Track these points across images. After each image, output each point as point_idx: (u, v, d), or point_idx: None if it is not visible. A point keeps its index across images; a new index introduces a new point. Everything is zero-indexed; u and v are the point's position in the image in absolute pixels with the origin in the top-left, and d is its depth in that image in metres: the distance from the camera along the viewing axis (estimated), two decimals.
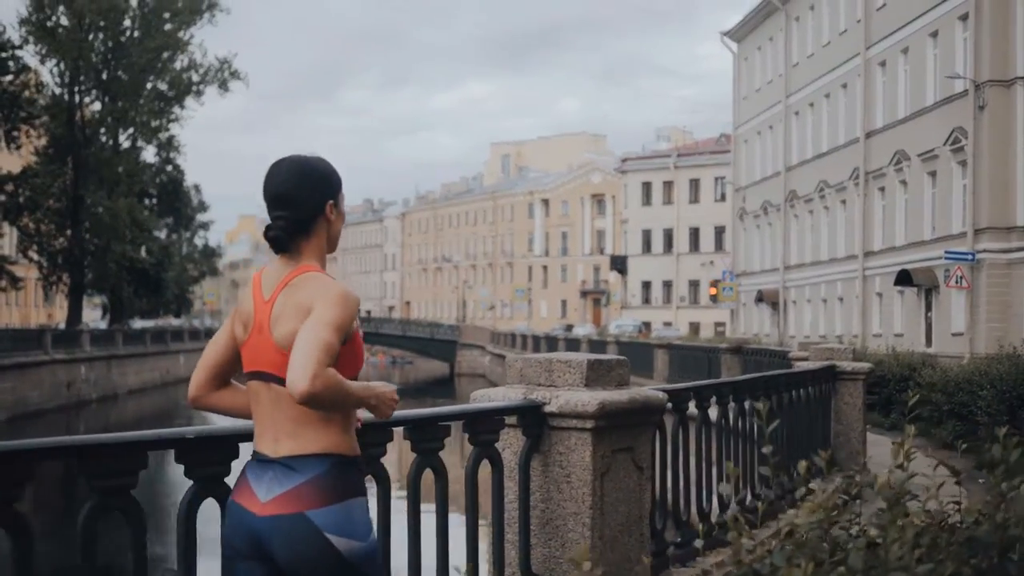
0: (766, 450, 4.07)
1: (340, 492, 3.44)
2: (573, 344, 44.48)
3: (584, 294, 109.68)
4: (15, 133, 43.40)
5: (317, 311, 3.36)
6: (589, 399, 4.68)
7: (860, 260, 44.24)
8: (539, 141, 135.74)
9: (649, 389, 5.16)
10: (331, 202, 3.62)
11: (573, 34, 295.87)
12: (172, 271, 63.88)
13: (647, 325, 77.29)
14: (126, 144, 60.34)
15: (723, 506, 7.30)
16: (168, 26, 56.59)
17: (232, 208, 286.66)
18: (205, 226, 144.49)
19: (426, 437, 4.46)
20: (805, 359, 12.22)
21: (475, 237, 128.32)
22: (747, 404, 7.97)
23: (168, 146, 62.94)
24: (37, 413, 41.56)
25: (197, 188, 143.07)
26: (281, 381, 3.41)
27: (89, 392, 48.14)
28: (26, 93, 49.20)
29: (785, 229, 53.12)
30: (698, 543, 4.76)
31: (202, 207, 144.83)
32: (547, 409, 4.76)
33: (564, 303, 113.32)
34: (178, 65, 59.25)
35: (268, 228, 3.57)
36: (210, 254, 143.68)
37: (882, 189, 42.81)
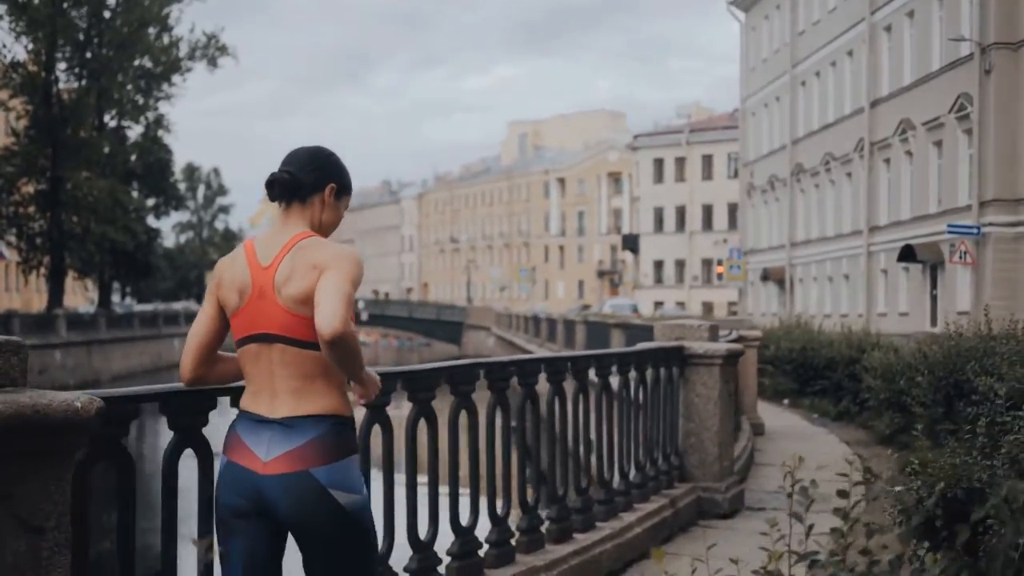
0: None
1: (340, 450, 3.60)
2: (552, 324, 42.70)
3: (601, 274, 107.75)
4: None
5: (335, 268, 3.52)
6: None
7: (865, 236, 42.31)
8: (556, 119, 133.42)
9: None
10: (333, 185, 3.81)
11: (604, 15, 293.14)
12: (175, 254, 62.25)
13: (659, 305, 75.29)
14: (112, 124, 58.73)
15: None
16: (148, 1, 54.74)
17: (255, 192, 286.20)
18: (226, 209, 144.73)
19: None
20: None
21: (491, 217, 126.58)
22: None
23: (157, 125, 61.06)
24: None
25: (217, 172, 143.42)
26: (289, 341, 3.57)
27: (65, 378, 46.30)
28: None
29: (791, 205, 51.17)
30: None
31: (222, 191, 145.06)
32: None
33: (581, 283, 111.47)
34: (162, 42, 57.50)
35: (272, 175, 3.74)
36: (231, 237, 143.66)
37: (887, 161, 40.88)
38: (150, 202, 65.83)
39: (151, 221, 65.64)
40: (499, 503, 6.15)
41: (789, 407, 18.68)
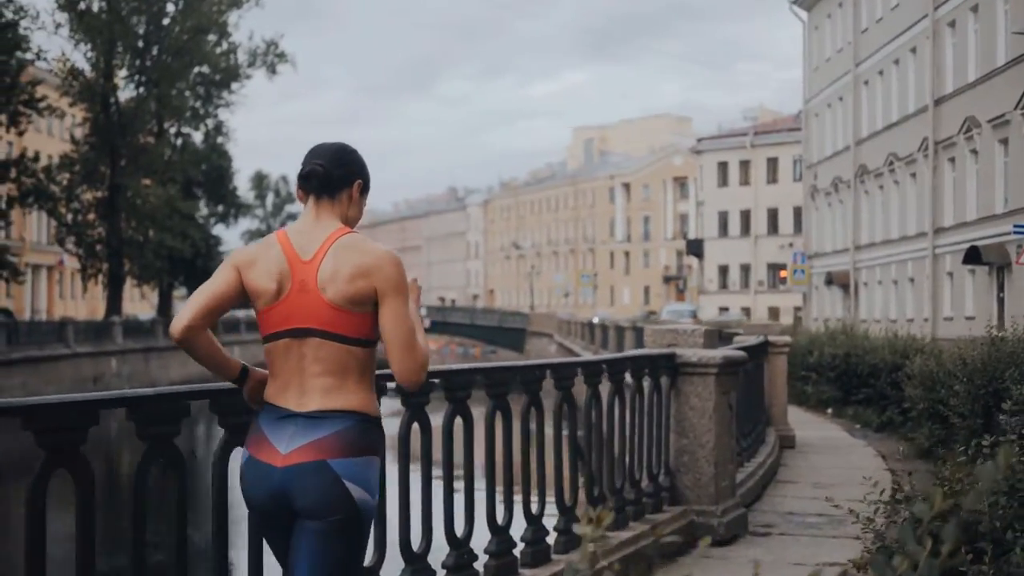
0: None
1: (361, 447, 3.62)
2: (605, 331, 42.19)
3: (667, 280, 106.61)
4: (18, 117, 41.59)
5: (393, 297, 3.65)
6: None
7: (930, 238, 41.05)
8: (622, 124, 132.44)
9: None
10: (359, 181, 3.89)
11: (672, 20, 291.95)
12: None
13: (724, 310, 74.13)
14: (172, 131, 58.84)
15: None
16: (207, 7, 54.72)
17: None
18: (294, 217, 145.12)
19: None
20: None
21: (556, 223, 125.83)
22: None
23: (216, 132, 61.13)
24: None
25: (285, 179, 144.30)
26: (327, 335, 3.62)
27: (121, 386, 46.32)
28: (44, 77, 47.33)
29: (855, 207, 49.96)
30: None
31: (290, 198, 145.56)
32: None
33: (647, 289, 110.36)
34: (220, 49, 57.52)
35: (304, 167, 3.82)
36: None
37: (952, 160, 39.66)
38: (208, 210, 65.95)
39: (217, 229, 65.88)
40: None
41: (832, 417, 17.82)
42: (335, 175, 3.79)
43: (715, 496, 7.59)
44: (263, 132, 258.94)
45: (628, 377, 7.30)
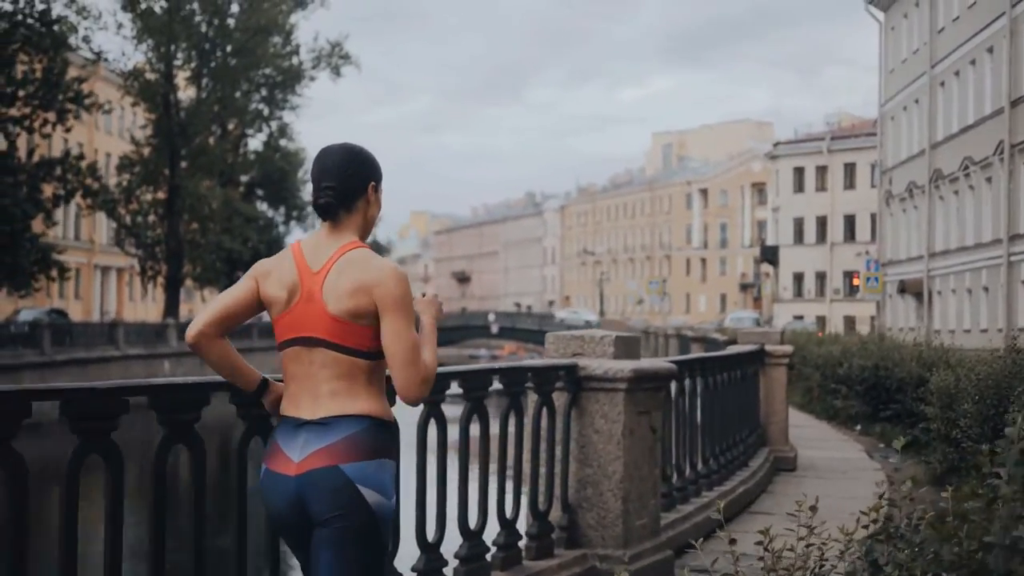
0: None
1: (373, 450, 3.62)
2: (684, 341, 40.65)
3: (744, 287, 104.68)
4: (65, 115, 41.30)
5: (394, 312, 3.66)
6: None
7: (1005, 244, 39.15)
8: (701, 130, 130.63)
9: None
10: (373, 183, 3.89)
11: (760, 25, 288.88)
12: None
13: (798, 318, 72.21)
14: (235, 132, 58.51)
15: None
16: (269, 7, 54.26)
17: (406, 204, 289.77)
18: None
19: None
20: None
21: (633, 229, 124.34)
22: None
23: (280, 134, 60.70)
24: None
25: None
26: (332, 345, 3.67)
27: None
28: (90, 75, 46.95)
29: (930, 213, 48.09)
30: None
31: None
32: None
33: (724, 297, 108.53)
34: (283, 50, 57.08)
35: (317, 197, 3.82)
36: (378, 250, 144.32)
37: None
38: (271, 212, 65.56)
39: (295, 232, 65.49)
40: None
41: (860, 435, 16.41)
42: (348, 190, 3.81)
43: (623, 538, 6.30)
44: (350, 137, 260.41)
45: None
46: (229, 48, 54.06)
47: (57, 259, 41.06)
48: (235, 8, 54.85)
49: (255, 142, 61.80)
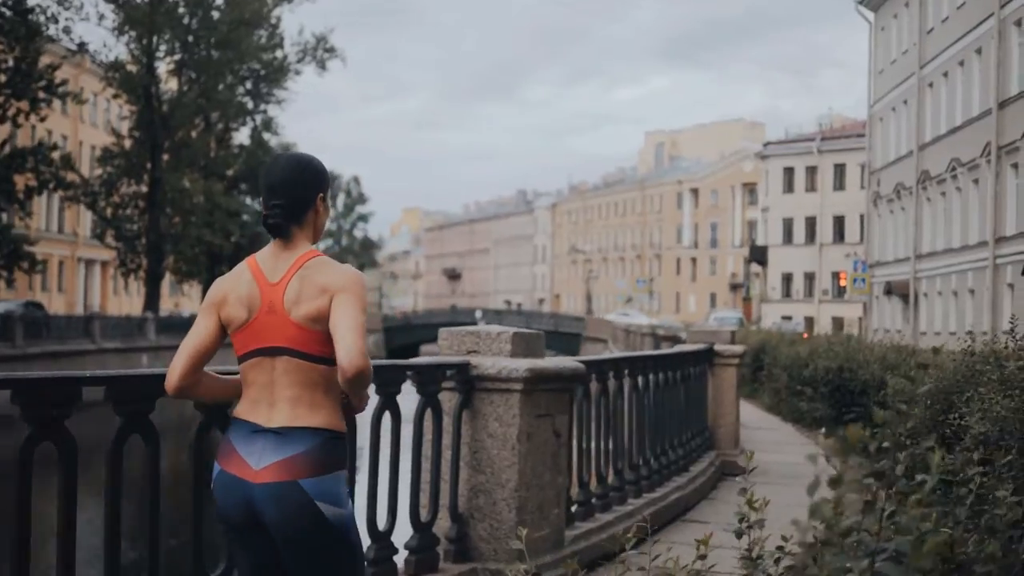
0: None
1: (329, 464, 3.68)
2: (657, 340, 40.29)
3: (734, 287, 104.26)
4: (38, 104, 40.66)
5: (348, 297, 3.69)
6: None
7: (991, 247, 38.76)
8: (694, 129, 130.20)
9: None
10: (321, 195, 3.92)
11: (757, 26, 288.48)
12: None
13: (787, 319, 71.76)
14: (219, 126, 57.92)
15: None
16: (255, 1, 53.72)
17: (397, 201, 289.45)
18: (364, 218, 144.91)
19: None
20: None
21: (623, 228, 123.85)
22: None
23: (265, 128, 60.10)
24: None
25: (357, 180, 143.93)
26: (295, 353, 3.71)
27: None
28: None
29: (917, 215, 47.71)
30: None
31: (361, 199, 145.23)
32: None
33: (714, 296, 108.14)
34: (268, 43, 56.51)
35: (266, 216, 3.84)
36: (369, 246, 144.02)
37: (1015, 166, 37.41)
38: (256, 206, 64.98)
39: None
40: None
41: (825, 438, 15.95)
42: (296, 207, 3.83)
43: (518, 551, 5.78)
44: (345, 134, 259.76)
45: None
46: (213, 40, 53.43)
47: (29, 251, 40.44)
48: (219, 1, 54.27)
49: (240, 136, 61.22)
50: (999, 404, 6.69)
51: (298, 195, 3.80)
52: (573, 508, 7.09)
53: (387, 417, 5.57)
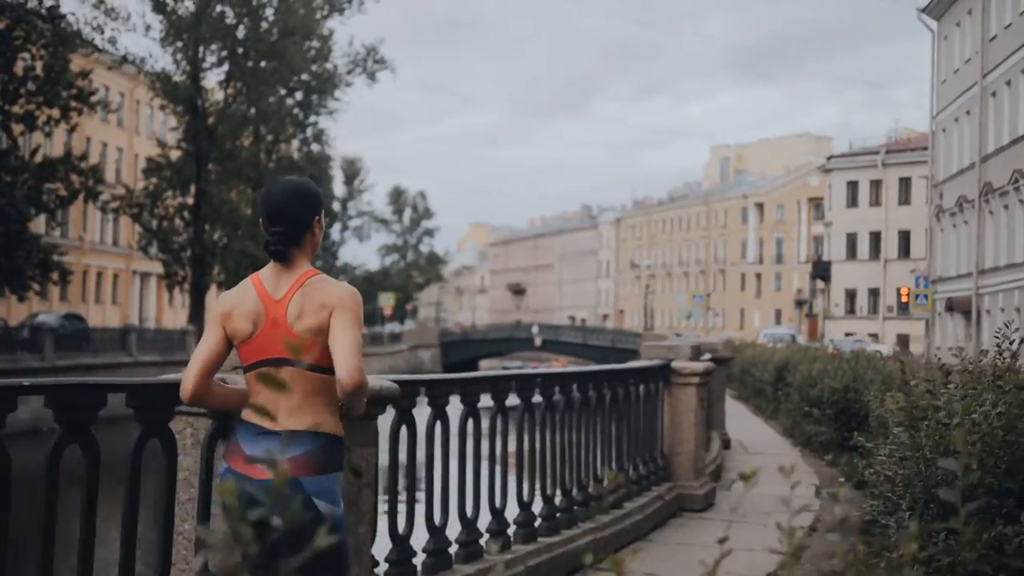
0: None
1: (328, 465, 3.98)
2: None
3: (799, 304, 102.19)
4: (69, 112, 40.20)
5: (344, 313, 4.02)
6: None
7: None
8: (760, 144, 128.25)
9: None
10: (317, 217, 4.24)
11: (828, 40, 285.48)
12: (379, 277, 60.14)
13: (849, 335, 69.93)
14: (269, 137, 57.47)
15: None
16: (302, 9, 53.13)
17: (464, 216, 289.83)
18: (431, 232, 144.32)
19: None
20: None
21: (687, 243, 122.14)
22: None
23: (315, 140, 59.63)
24: (107, 419, 37.98)
25: (423, 195, 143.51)
26: (300, 365, 3.99)
27: None
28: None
29: (980, 229, 45.94)
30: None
31: (427, 214, 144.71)
32: None
33: (779, 312, 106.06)
34: (317, 54, 55.97)
35: (268, 243, 4.14)
36: (435, 260, 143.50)
37: None
38: None
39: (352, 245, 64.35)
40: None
41: (829, 465, 14.63)
42: (296, 231, 4.13)
43: None
44: (415, 148, 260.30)
45: None
46: (261, 50, 52.98)
47: (57, 261, 39.97)
48: (269, 11, 53.79)
49: (290, 147, 60.79)
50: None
51: (297, 220, 4.12)
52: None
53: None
